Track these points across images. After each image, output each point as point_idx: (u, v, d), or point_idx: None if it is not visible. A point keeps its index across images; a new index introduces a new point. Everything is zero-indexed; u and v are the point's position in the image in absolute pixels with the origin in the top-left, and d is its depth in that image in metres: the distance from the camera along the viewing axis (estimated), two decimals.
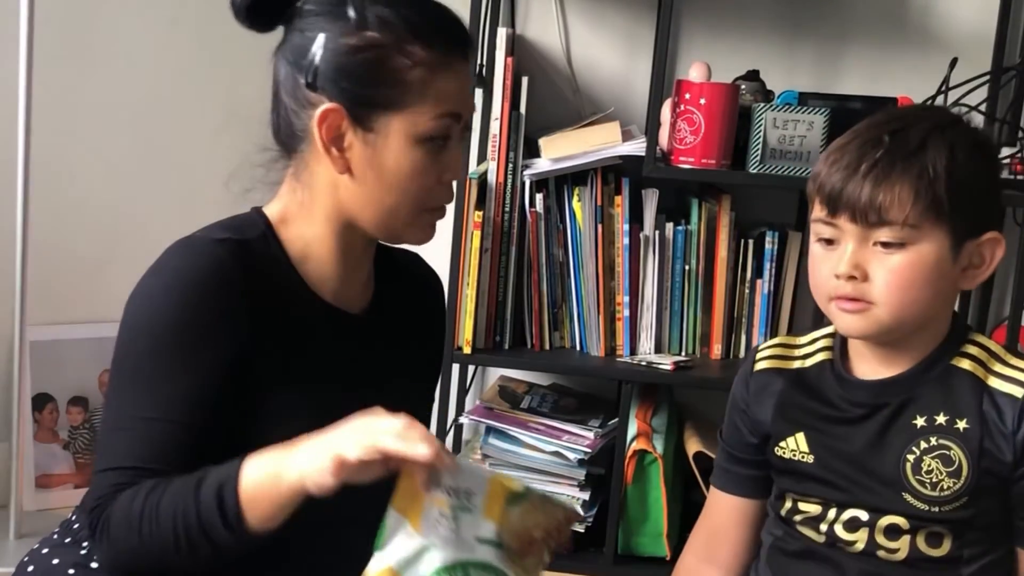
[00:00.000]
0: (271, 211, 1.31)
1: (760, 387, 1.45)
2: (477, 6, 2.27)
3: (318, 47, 1.22)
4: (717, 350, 2.44)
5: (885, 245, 1.27)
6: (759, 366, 1.46)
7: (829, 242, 1.32)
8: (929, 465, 1.31)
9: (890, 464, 1.33)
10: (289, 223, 1.29)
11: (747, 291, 2.43)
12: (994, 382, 1.32)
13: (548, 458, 2.34)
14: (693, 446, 2.36)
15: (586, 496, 2.35)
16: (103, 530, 1.18)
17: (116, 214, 2.56)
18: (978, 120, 2.36)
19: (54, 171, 2.39)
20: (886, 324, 1.29)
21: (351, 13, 1.22)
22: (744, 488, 1.49)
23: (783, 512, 1.42)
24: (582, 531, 2.35)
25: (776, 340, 1.51)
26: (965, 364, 1.34)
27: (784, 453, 1.40)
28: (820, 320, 2.27)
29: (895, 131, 1.29)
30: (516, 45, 2.54)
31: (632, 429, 2.35)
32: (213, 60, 2.55)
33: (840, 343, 1.41)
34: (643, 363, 2.37)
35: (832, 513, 1.37)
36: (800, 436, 1.39)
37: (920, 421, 1.32)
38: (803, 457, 1.39)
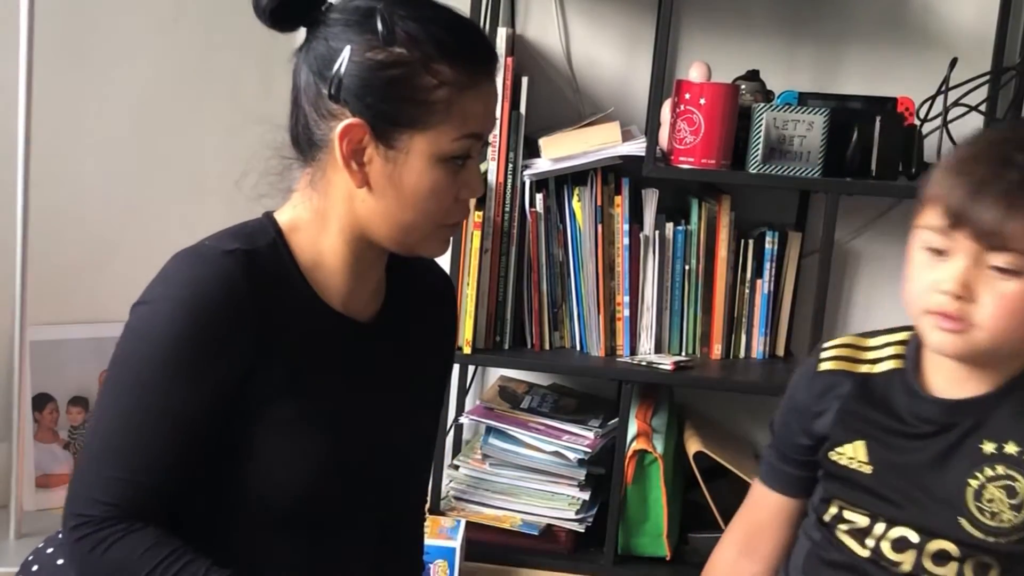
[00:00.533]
0: (283, 217, 1.29)
1: (824, 388, 1.39)
2: (477, 6, 2.27)
3: (343, 59, 1.20)
4: (717, 350, 2.44)
5: (1001, 271, 1.22)
6: (824, 366, 1.40)
7: (938, 252, 1.26)
8: (992, 494, 1.27)
9: (951, 487, 1.29)
10: (301, 230, 1.28)
11: (747, 291, 2.43)
12: None
13: (548, 458, 2.34)
14: (693, 446, 2.36)
15: (586, 496, 2.35)
16: (92, 550, 1.17)
17: (116, 214, 2.55)
18: (977, 122, 2.36)
19: (54, 171, 2.39)
20: (981, 348, 1.25)
21: (379, 27, 1.19)
22: (792, 487, 1.45)
23: (827, 518, 1.38)
24: (582, 531, 2.35)
25: (843, 339, 1.44)
26: None
27: (840, 460, 1.36)
28: (820, 322, 2.28)
29: None
30: (516, 45, 2.54)
31: (632, 429, 2.35)
32: (214, 60, 2.55)
33: (914, 353, 1.35)
34: (643, 363, 2.37)
35: (880, 528, 1.33)
36: (860, 444, 1.35)
37: (989, 447, 1.28)
38: (860, 467, 1.34)
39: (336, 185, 1.25)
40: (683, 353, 2.44)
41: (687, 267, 2.41)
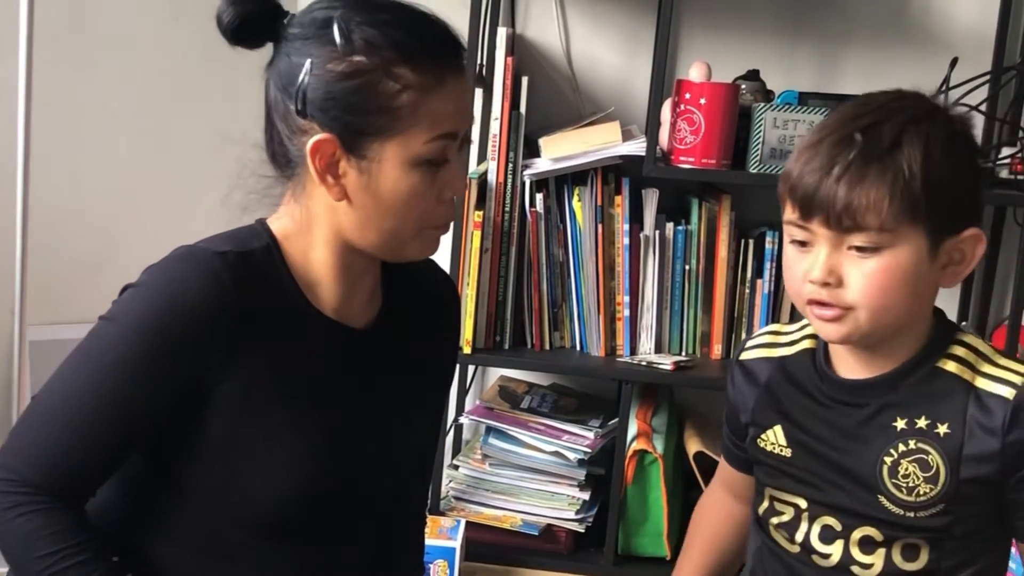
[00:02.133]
0: (274, 227, 1.29)
1: (745, 378, 1.43)
2: (477, 6, 2.27)
3: (305, 73, 1.19)
4: (717, 350, 2.44)
5: (860, 250, 1.23)
6: (745, 355, 1.45)
7: (802, 244, 1.27)
8: (906, 469, 1.28)
9: (867, 465, 1.30)
10: (291, 241, 1.28)
11: (747, 291, 2.43)
12: (981, 383, 1.27)
13: (548, 458, 2.34)
14: (693, 446, 2.36)
15: (586, 496, 2.35)
16: (6, 509, 1.18)
17: (115, 214, 2.55)
18: (977, 122, 2.36)
19: (54, 171, 2.39)
20: (864, 329, 1.25)
21: (337, 37, 1.18)
22: (747, 467, 1.47)
23: (761, 511, 1.41)
24: (582, 531, 2.35)
25: (767, 328, 1.48)
26: (951, 366, 1.29)
27: (765, 446, 1.39)
28: None
29: (868, 127, 1.24)
30: (516, 45, 2.54)
31: (632, 429, 2.35)
32: (215, 59, 2.53)
33: (823, 342, 1.38)
34: (643, 363, 2.37)
35: (805, 522, 1.35)
36: (778, 429, 1.37)
37: (900, 424, 1.29)
38: (781, 451, 1.37)
39: (316, 199, 1.24)
40: (683, 353, 2.44)
41: (687, 267, 2.41)
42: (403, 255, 1.28)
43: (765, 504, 1.40)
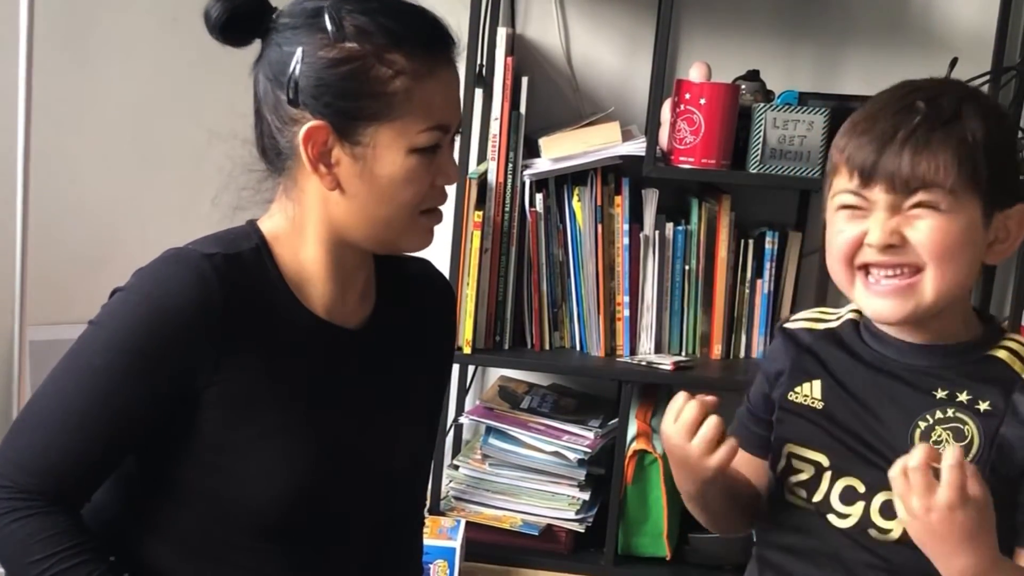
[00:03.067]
0: (265, 227, 1.28)
1: (787, 341, 1.42)
2: (477, 6, 2.27)
3: (296, 61, 1.19)
4: (717, 350, 2.44)
5: (924, 206, 1.22)
6: (791, 325, 1.43)
7: (856, 209, 1.26)
8: (939, 435, 1.26)
9: (899, 425, 1.28)
10: (281, 240, 1.27)
11: (747, 291, 2.43)
12: None
13: (548, 458, 2.34)
14: None
15: (586, 496, 2.35)
16: (2, 515, 1.18)
17: (116, 214, 2.55)
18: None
19: (54, 171, 2.39)
20: (928, 299, 1.24)
21: (328, 24, 1.18)
22: (763, 449, 1.45)
23: (778, 469, 1.38)
24: (582, 531, 2.35)
25: (812, 309, 1.46)
26: (1002, 354, 1.29)
27: (796, 398, 1.37)
28: None
29: (929, 99, 1.25)
30: (516, 45, 2.54)
31: (632, 429, 2.35)
32: (214, 59, 2.52)
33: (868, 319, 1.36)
34: (643, 363, 2.37)
35: (826, 482, 1.33)
36: (816, 383, 1.36)
37: (941, 394, 1.28)
38: (813, 403, 1.35)
39: (308, 192, 1.24)
40: (683, 353, 2.44)
41: (687, 267, 2.41)
42: (397, 246, 1.28)
43: (782, 463, 1.38)
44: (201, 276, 1.20)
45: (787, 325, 1.45)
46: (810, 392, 1.37)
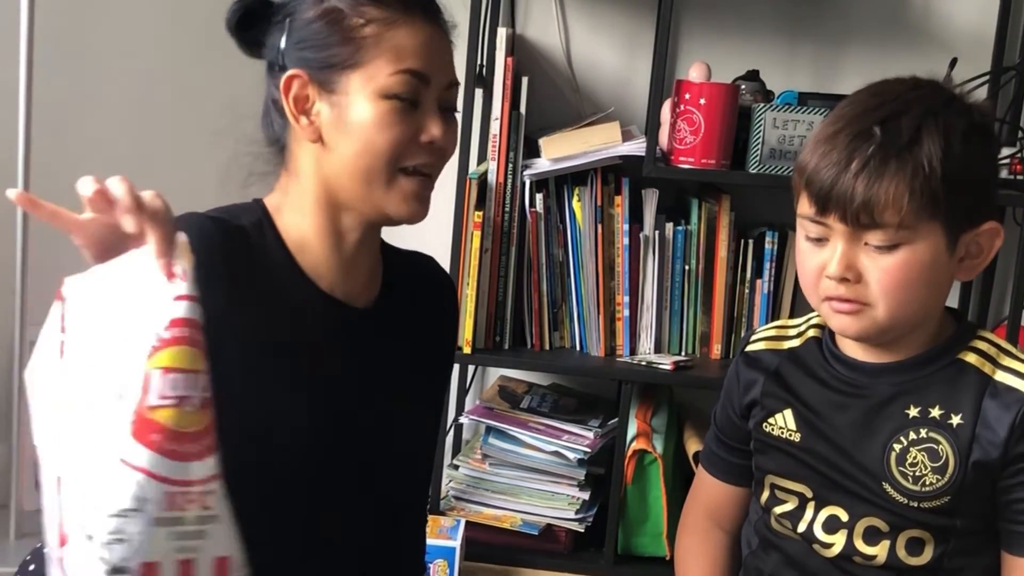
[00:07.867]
0: (268, 202, 1.32)
1: (751, 366, 1.42)
2: (477, 6, 2.27)
3: (284, 31, 1.26)
4: (717, 350, 2.44)
5: (878, 248, 1.22)
6: (751, 347, 1.44)
7: (818, 240, 1.27)
8: (914, 457, 1.27)
9: (875, 451, 1.29)
10: (284, 212, 1.30)
11: (747, 291, 2.43)
12: (1001, 376, 1.27)
13: (548, 458, 2.34)
14: (693, 446, 2.36)
15: (586, 496, 2.35)
16: None
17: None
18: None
19: (54, 171, 2.38)
20: (882, 325, 1.25)
21: None
22: (732, 475, 1.47)
23: (763, 500, 1.40)
24: (582, 531, 2.35)
25: (771, 324, 1.48)
26: (972, 358, 1.29)
27: (772, 430, 1.37)
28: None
29: (886, 120, 1.22)
30: (516, 45, 2.54)
31: (632, 429, 2.35)
32: (214, 58, 2.53)
33: (830, 330, 1.36)
34: (643, 363, 2.37)
35: (809, 511, 1.34)
36: (788, 412, 1.36)
37: (913, 411, 1.28)
38: (790, 435, 1.35)
39: (302, 158, 1.28)
40: (683, 353, 2.44)
41: (687, 267, 2.41)
42: (383, 210, 1.27)
43: (766, 494, 1.39)
44: (202, 228, 1.22)
45: (748, 348, 1.45)
46: (784, 424, 1.37)
